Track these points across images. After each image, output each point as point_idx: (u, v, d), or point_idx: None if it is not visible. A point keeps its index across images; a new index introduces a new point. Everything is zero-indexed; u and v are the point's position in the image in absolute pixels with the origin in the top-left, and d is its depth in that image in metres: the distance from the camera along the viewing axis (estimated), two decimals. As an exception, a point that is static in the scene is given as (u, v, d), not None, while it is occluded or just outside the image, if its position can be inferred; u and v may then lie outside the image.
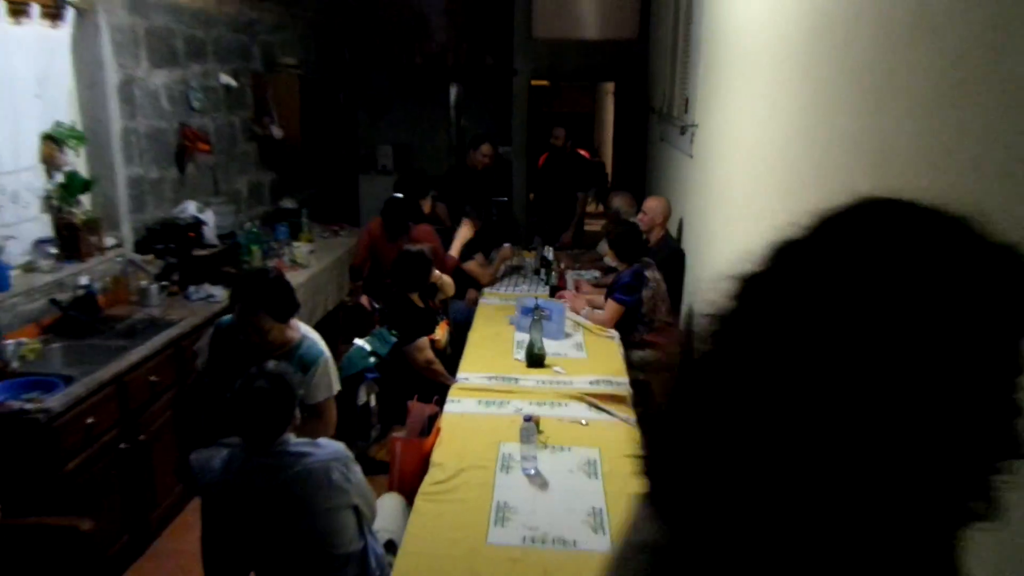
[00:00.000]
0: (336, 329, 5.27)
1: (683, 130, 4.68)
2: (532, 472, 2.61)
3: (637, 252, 4.14)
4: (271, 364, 2.13)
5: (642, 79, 7.07)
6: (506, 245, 5.00)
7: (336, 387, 2.76)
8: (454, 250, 4.45)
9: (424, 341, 3.46)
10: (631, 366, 4.01)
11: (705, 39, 4.23)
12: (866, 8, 1.91)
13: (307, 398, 2.54)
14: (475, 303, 4.58)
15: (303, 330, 2.74)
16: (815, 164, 2.25)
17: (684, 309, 4.50)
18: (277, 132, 5.64)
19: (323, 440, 2.20)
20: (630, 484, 2.57)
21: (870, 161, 1.83)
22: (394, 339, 3.40)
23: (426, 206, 4.66)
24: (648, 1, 6.95)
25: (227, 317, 2.75)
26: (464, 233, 4.54)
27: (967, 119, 1.39)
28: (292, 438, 2.14)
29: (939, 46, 1.51)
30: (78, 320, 3.62)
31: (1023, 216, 1.21)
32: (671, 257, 4.51)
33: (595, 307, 4.27)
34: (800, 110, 2.42)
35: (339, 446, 2.21)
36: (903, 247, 0.61)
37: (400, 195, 4.49)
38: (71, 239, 3.85)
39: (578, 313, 4.21)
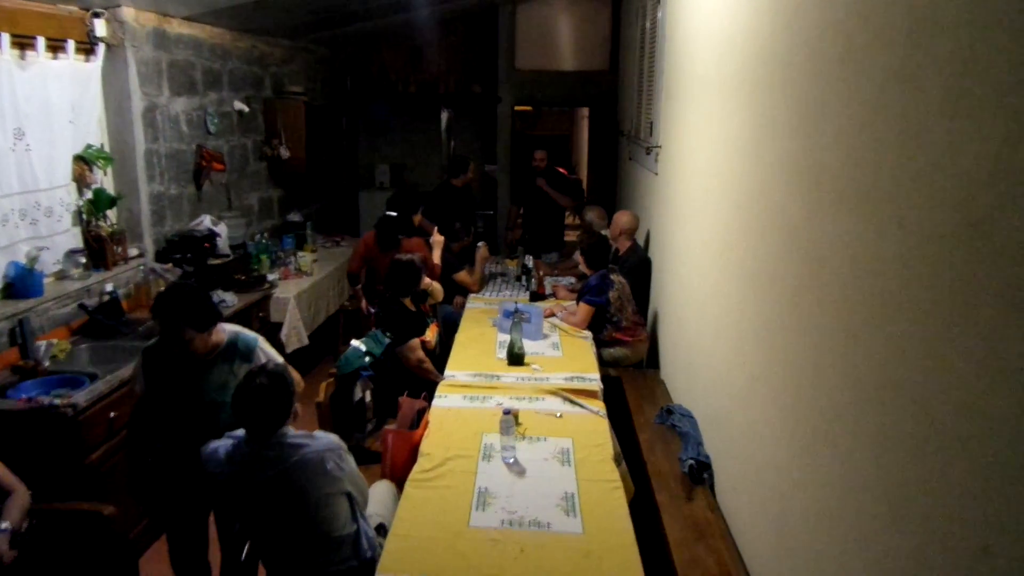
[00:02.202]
0: (337, 331, 5.23)
1: (648, 150, 4.68)
2: (511, 460, 2.58)
3: (604, 260, 4.14)
4: (271, 364, 2.10)
5: (613, 105, 7.08)
6: (480, 245, 4.95)
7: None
8: (436, 257, 4.43)
9: (416, 342, 3.44)
10: (603, 363, 4.00)
11: (666, 69, 4.23)
12: (800, 42, 1.91)
13: None
14: (463, 307, 4.56)
15: (229, 329, 2.56)
16: (760, 182, 2.25)
17: (651, 311, 4.50)
18: (285, 153, 5.61)
19: (318, 432, 2.17)
20: (599, 470, 2.56)
21: (806, 179, 1.83)
22: (388, 340, 3.38)
23: (416, 220, 4.62)
24: (618, 36, 6.97)
25: (152, 340, 2.59)
26: (437, 240, 4.53)
27: (887, 141, 1.39)
28: (291, 431, 2.11)
29: (862, 77, 1.51)
30: (103, 323, 3.58)
31: (934, 217, 1.21)
32: (639, 265, 4.51)
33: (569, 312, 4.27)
34: (748, 134, 2.41)
35: (333, 438, 2.17)
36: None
37: (393, 213, 4.45)
38: (99, 250, 3.81)
39: (554, 316, 4.20)
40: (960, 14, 1.16)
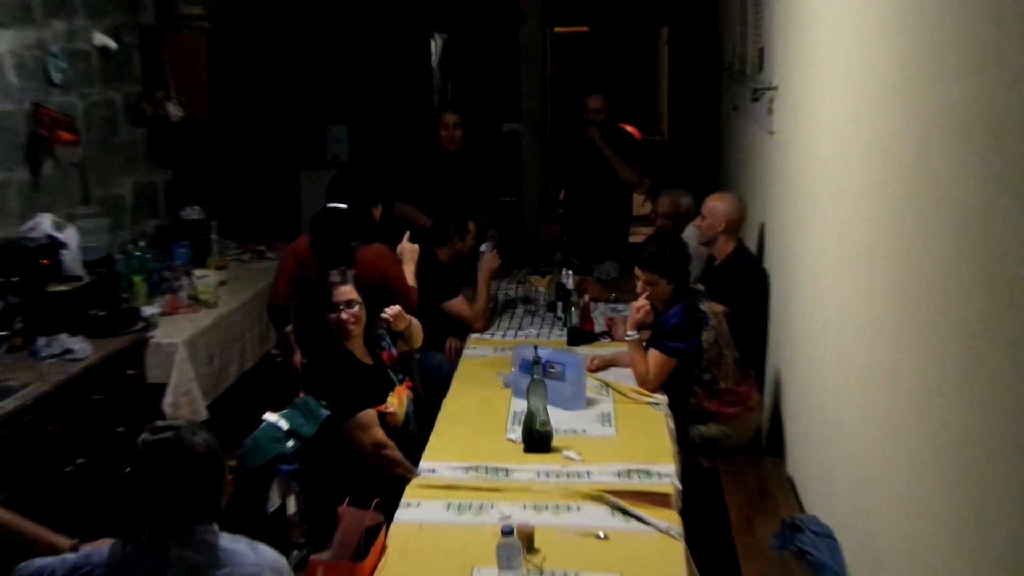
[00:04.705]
0: (260, 397, 5.27)
1: (756, 95, 4.66)
2: (516, 615, 2.57)
3: (684, 276, 4.17)
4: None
5: (709, 24, 7.09)
6: (483, 248, 5.02)
7: None
8: (409, 276, 4.47)
9: (370, 415, 3.46)
10: (688, 447, 3.96)
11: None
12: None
13: None
14: (458, 354, 4.58)
15: None
16: (916, 142, 2.26)
17: (769, 352, 4.44)
18: (176, 111, 5.71)
19: (262, 545, 2.26)
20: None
21: (983, 135, 1.82)
22: (325, 412, 3.40)
23: (376, 214, 4.64)
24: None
25: None
26: (408, 248, 4.60)
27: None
28: (217, 531, 2.20)
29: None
30: None
31: None
32: (747, 277, 4.51)
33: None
34: (896, 71, 2.42)
35: (279, 557, 2.26)
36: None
37: (337, 205, 4.48)
38: None
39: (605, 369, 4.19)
40: None
